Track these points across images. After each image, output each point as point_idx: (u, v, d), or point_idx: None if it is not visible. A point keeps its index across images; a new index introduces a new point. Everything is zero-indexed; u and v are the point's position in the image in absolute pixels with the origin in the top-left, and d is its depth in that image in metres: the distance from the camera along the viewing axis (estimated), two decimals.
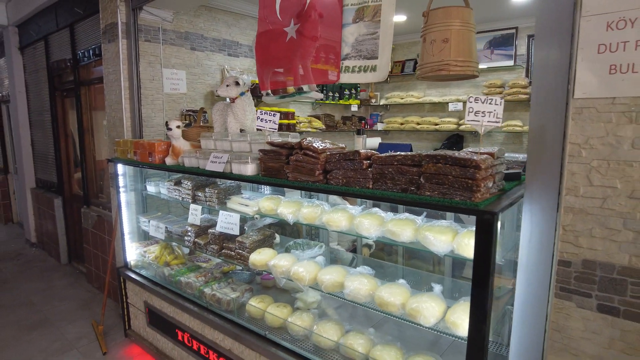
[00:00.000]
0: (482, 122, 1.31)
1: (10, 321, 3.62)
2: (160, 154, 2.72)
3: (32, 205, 5.66)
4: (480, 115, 1.30)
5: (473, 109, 1.32)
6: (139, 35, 3.23)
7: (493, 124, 1.31)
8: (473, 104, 1.31)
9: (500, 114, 1.30)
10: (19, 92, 5.54)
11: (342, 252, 2.97)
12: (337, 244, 3.27)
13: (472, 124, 1.31)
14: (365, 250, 3.33)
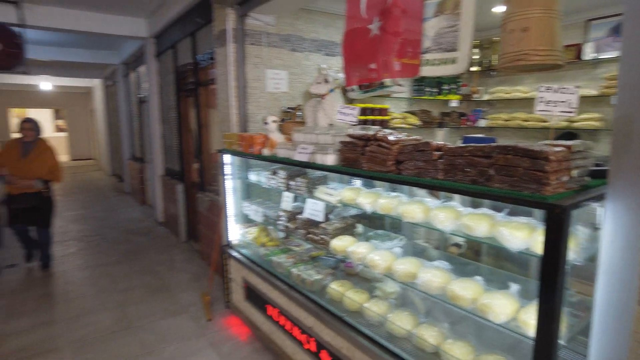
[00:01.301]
0: (554, 112, 1.24)
1: (141, 283, 4.35)
2: (259, 145, 3.01)
3: (161, 190, 6.61)
4: (552, 105, 1.24)
5: (544, 98, 1.26)
6: (245, 40, 3.60)
7: (566, 114, 1.24)
8: (544, 93, 1.26)
9: (575, 104, 1.23)
10: (154, 93, 6.50)
11: (424, 247, 2.96)
12: (424, 241, 3.26)
13: (543, 114, 1.25)
14: (453, 249, 3.25)
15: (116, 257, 5.23)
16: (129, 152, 9.60)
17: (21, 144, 4.44)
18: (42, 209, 4.56)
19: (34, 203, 4.42)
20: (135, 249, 5.52)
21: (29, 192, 4.40)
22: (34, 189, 4.40)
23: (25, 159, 4.37)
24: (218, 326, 3.44)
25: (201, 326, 3.45)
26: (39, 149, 4.47)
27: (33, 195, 4.42)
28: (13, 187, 4.36)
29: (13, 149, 4.42)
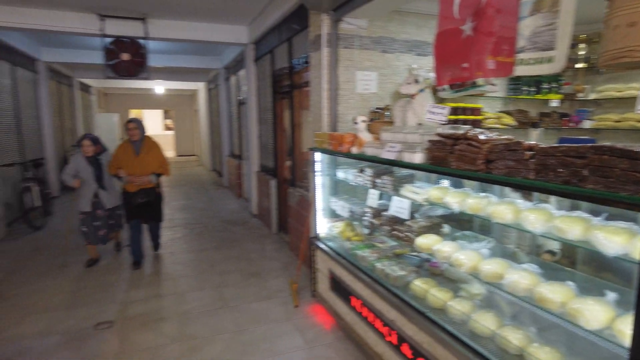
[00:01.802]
0: None
1: (236, 268, 4.79)
2: (348, 144, 3.17)
3: (256, 185, 7.13)
4: None
5: None
6: (338, 43, 3.78)
7: None
8: None
9: None
10: (252, 95, 7.03)
11: (514, 251, 2.87)
12: (515, 246, 3.15)
13: None
14: (547, 256, 3.09)
15: (215, 243, 5.79)
16: (228, 150, 10.45)
17: (131, 143, 4.65)
18: (155, 204, 4.85)
19: (149, 198, 4.69)
20: (231, 237, 6.05)
21: (144, 187, 4.66)
22: (150, 184, 4.68)
23: (138, 157, 4.61)
24: (304, 313, 3.68)
25: (288, 311, 3.71)
26: (148, 145, 4.69)
27: (148, 190, 4.68)
28: (132, 185, 4.61)
29: (127, 149, 4.63)
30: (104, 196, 4.71)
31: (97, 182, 4.65)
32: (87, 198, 4.64)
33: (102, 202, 4.70)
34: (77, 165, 4.59)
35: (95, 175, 4.63)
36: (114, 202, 4.84)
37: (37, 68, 8.46)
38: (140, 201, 4.62)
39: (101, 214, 4.74)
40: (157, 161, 4.72)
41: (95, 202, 4.67)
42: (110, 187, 4.80)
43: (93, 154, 4.61)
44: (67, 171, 4.58)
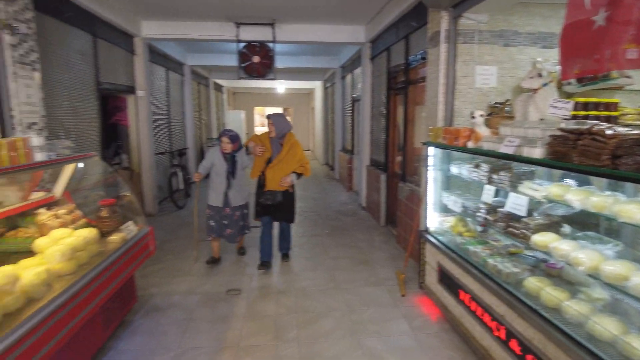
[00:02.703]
0: None
1: (346, 255, 5.10)
2: (464, 138, 3.20)
3: (365, 179, 7.37)
4: None
5: None
6: (457, 39, 3.78)
7: None
8: None
9: None
10: (367, 92, 7.27)
11: None
12: None
13: None
14: None
15: (327, 230, 6.19)
16: (340, 145, 10.90)
17: (269, 139, 4.45)
18: (286, 204, 4.54)
19: (274, 200, 4.42)
20: (342, 226, 6.40)
21: (273, 190, 4.40)
22: (285, 185, 4.39)
23: (278, 155, 4.38)
24: (410, 302, 3.80)
25: (395, 299, 3.87)
26: (289, 143, 4.42)
27: (275, 193, 4.40)
28: (273, 182, 4.37)
29: (266, 141, 4.45)
30: (232, 193, 4.58)
31: (229, 179, 4.56)
32: (217, 193, 4.58)
33: (229, 199, 4.57)
34: (213, 159, 4.58)
35: (228, 172, 4.55)
36: (241, 201, 4.68)
37: (184, 71, 9.87)
38: (267, 203, 4.41)
39: (228, 212, 4.62)
40: (297, 160, 4.44)
41: (225, 199, 4.58)
42: (240, 185, 4.65)
43: (230, 151, 4.53)
44: (204, 164, 4.62)
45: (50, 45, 4.30)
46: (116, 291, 3.00)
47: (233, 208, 4.63)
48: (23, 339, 1.89)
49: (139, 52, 6.71)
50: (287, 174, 4.40)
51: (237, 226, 4.70)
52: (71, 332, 2.31)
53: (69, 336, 2.29)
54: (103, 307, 2.84)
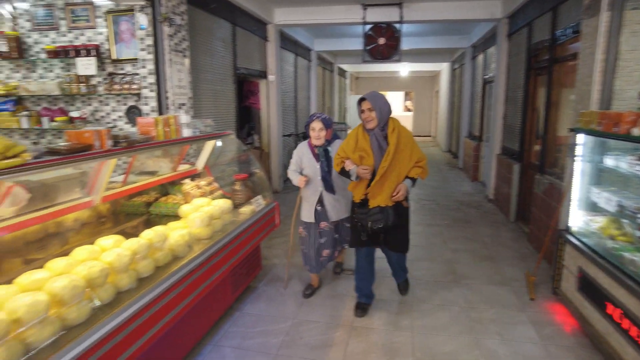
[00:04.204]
0: None
1: (467, 249, 4.78)
2: (628, 124, 2.67)
3: (495, 168, 6.78)
4: None
5: None
6: (624, 4, 3.15)
7: None
8: None
9: None
10: (501, 73, 6.61)
11: None
12: None
13: None
14: None
15: (447, 221, 5.87)
16: (466, 131, 10.21)
17: (366, 132, 2.96)
18: (402, 227, 3.08)
19: (387, 222, 2.89)
20: (464, 218, 6.01)
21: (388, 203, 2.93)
22: (398, 197, 2.90)
23: (385, 156, 2.87)
24: (540, 308, 3.39)
25: (522, 302, 3.49)
26: (395, 133, 2.90)
27: (386, 209, 2.90)
28: (381, 195, 2.91)
29: (359, 140, 2.97)
30: (330, 203, 3.35)
31: (324, 182, 3.31)
32: (309, 203, 3.38)
33: (327, 212, 3.37)
34: (301, 156, 3.38)
35: (322, 172, 3.30)
36: (343, 213, 3.44)
37: (311, 57, 10.22)
38: (375, 227, 2.90)
39: (325, 228, 3.43)
40: (410, 158, 2.96)
41: (320, 211, 3.37)
42: (340, 190, 3.38)
43: (324, 141, 3.27)
44: (292, 167, 3.42)
45: (198, 34, 4.80)
46: (244, 258, 3.28)
47: (332, 223, 3.46)
48: (171, 288, 2.18)
49: (272, 39, 7.12)
50: (399, 181, 2.93)
51: (333, 241, 3.54)
52: (207, 289, 2.59)
53: (206, 291, 2.58)
54: (232, 271, 3.12)
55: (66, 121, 4.23)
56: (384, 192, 2.92)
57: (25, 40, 4.37)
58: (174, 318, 2.23)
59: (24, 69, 4.47)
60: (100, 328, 1.72)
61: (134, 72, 4.15)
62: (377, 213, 2.89)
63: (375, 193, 2.92)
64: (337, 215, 3.43)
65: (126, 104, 4.26)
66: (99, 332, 1.70)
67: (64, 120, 4.22)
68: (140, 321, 1.93)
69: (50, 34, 4.32)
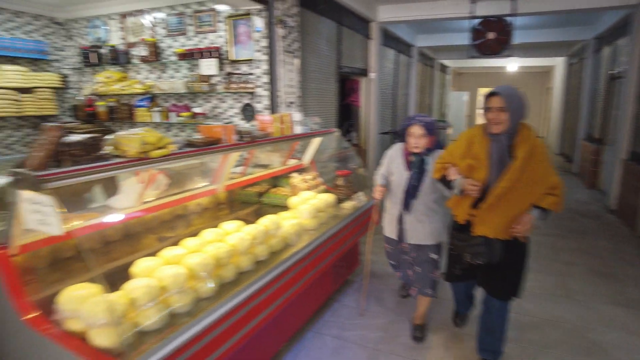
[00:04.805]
0: None
1: (583, 262, 4.34)
2: None
3: (619, 175, 6.02)
4: None
5: None
6: None
7: None
8: None
9: None
10: (634, 68, 5.83)
11: None
12: None
13: None
14: None
15: (559, 231, 5.37)
16: (584, 132, 9.19)
17: (488, 136, 2.26)
18: (514, 268, 2.35)
19: (492, 258, 2.27)
20: (579, 229, 5.45)
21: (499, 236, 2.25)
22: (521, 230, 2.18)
23: (506, 173, 2.15)
24: None
25: None
26: (526, 145, 2.16)
27: (496, 244, 2.25)
28: (491, 224, 2.23)
29: (474, 146, 2.29)
30: (409, 222, 2.76)
31: (406, 196, 2.73)
32: (391, 216, 2.89)
33: (404, 231, 2.79)
34: (391, 160, 2.85)
35: (409, 184, 2.71)
36: (425, 239, 2.75)
37: (412, 53, 10.02)
38: (474, 262, 2.32)
39: (406, 249, 2.88)
40: (542, 182, 2.19)
41: (399, 229, 2.84)
42: (427, 208, 2.72)
43: (423, 150, 2.66)
44: (382, 171, 2.92)
45: (307, 35, 5.02)
46: (346, 251, 3.38)
47: (412, 247, 2.82)
48: (286, 272, 2.36)
49: (374, 36, 7.15)
50: (522, 210, 2.20)
51: (420, 273, 2.85)
52: (314, 276, 2.75)
53: (313, 279, 2.74)
54: (335, 262, 3.25)
55: (189, 116, 4.74)
56: (497, 220, 2.21)
57: (159, 45, 4.98)
58: (287, 300, 2.41)
59: (158, 70, 5.10)
60: (228, 302, 1.93)
61: (249, 72, 4.49)
62: (480, 245, 2.25)
63: (484, 218, 2.24)
64: (415, 238, 2.76)
65: (241, 102, 4.63)
66: (225, 306, 1.91)
67: (187, 116, 4.74)
68: (261, 299, 2.13)
69: (180, 38, 4.86)
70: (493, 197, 2.17)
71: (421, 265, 2.81)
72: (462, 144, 2.35)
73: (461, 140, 2.38)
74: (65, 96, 5.70)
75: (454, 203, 2.44)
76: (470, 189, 2.23)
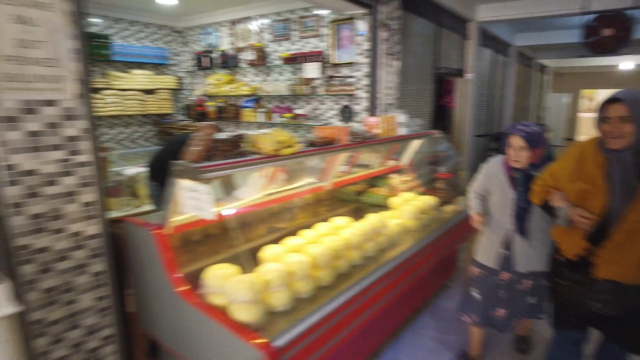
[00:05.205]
0: None
1: None
2: None
3: None
4: None
5: None
6: None
7: None
8: None
9: None
10: None
11: None
12: None
13: None
14: None
15: None
16: None
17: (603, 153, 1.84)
18: None
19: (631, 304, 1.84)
20: None
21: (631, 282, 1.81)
22: None
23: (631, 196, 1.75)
24: None
25: None
26: None
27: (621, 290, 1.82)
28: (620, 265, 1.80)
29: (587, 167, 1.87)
30: (521, 249, 2.40)
31: (518, 221, 2.38)
32: (491, 242, 2.50)
33: (514, 259, 2.42)
34: (490, 177, 2.48)
35: (517, 207, 2.36)
36: (539, 264, 2.37)
37: (509, 53, 9.50)
38: (604, 313, 1.86)
39: (508, 280, 2.47)
40: None
41: (503, 255, 2.45)
42: (539, 233, 2.35)
43: (526, 164, 2.29)
44: (474, 187, 2.61)
45: (406, 37, 5.03)
46: (447, 255, 3.36)
47: (520, 275, 2.45)
48: (394, 270, 2.44)
49: (472, 36, 6.92)
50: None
51: (520, 304, 2.50)
52: (419, 277, 2.79)
53: (417, 279, 2.78)
54: (436, 265, 3.25)
55: (291, 117, 5.01)
56: (629, 261, 1.77)
57: (265, 49, 5.32)
58: (395, 296, 2.49)
59: (263, 73, 5.46)
60: (345, 292, 2.06)
61: (350, 74, 4.63)
62: (609, 292, 1.81)
63: (611, 258, 1.79)
64: (529, 265, 2.39)
65: (340, 104, 4.79)
66: (343, 295, 2.04)
67: (290, 117, 5.02)
68: (373, 292, 2.24)
69: (285, 43, 5.16)
70: (621, 234, 1.75)
71: (536, 294, 2.45)
72: (570, 163, 1.92)
73: (568, 158, 1.95)
74: (179, 96, 6.34)
75: (561, 234, 2.00)
76: (581, 222, 1.82)
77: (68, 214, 1.97)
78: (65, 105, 1.93)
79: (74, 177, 1.98)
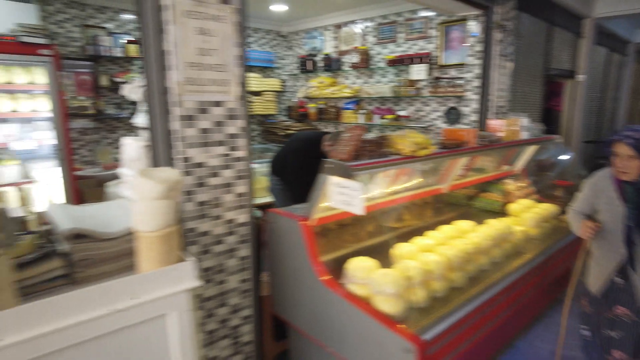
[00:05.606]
0: None
1: None
2: None
3: None
4: None
5: None
6: None
7: None
8: None
9: None
10: None
11: None
12: None
13: None
14: None
15: None
16: None
17: None
18: None
19: None
20: None
21: None
22: None
23: None
24: None
25: None
26: None
27: None
28: None
29: None
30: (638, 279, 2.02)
31: (627, 242, 2.03)
32: (602, 267, 2.15)
33: (632, 290, 2.04)
34: (597, 192, 2.15)
35: (629, 225, 2.01)
36: None
37: (627, 50, 8.62)
38: None
39: (624, 316, 2.08)
40: None
41: (619, 285, 2.09)
42: None
43: (637, 176, 1.97)
44: (577, 204, 2.26)
45: (518, 37, 4.82)
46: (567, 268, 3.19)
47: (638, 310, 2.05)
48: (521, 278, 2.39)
49: (586, 34, 6.41)
50: None
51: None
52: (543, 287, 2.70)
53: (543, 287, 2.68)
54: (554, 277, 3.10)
55: (393, 119, 5.05)
56: None
57: (369, 52, 5.42)
58: (521, 304, 2.44)
59: (365, 75, 5.57)
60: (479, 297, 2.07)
61: (458, 76, 4.55)
62: None
63: None
64: None
65: (445, 105, 4.73)
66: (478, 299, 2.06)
67: (391, 118, 5.06)
68: (504, 297, 2.22)
69: (389, 45, 5.21)
70: None
71: None
72: None
73: None
74: (282, 98, 6.67)
75: None
76: None
77: (225, 203, 2.22)
78: (229, 106, 2.19)
79: (232, 170, 2.22)
